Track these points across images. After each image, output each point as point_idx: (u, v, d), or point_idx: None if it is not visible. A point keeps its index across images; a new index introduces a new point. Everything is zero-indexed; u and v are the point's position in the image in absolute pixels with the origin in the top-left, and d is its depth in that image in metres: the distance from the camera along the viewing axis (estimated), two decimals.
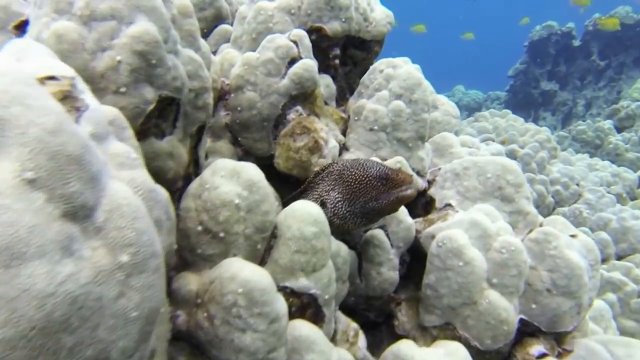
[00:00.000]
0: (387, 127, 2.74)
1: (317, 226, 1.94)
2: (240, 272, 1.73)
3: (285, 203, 2.32)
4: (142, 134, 1.90)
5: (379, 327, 2.71)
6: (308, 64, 2.75)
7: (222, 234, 1.92)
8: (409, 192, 2.05)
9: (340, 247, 2.25)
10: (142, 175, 1.33)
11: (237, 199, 1.93)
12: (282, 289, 1.96)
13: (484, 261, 2.24)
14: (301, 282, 1.94)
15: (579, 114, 15.50)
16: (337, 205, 2.22)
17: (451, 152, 2.88)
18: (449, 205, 2.55)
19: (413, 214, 2.89)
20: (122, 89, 1.73)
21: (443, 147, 2.92)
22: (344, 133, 2.99)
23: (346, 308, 2.66)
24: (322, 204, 2.31)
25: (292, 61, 2.80)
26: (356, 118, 2.88)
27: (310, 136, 2.62)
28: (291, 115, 2.71)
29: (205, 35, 3.63)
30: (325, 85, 3.07)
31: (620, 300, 4.66)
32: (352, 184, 2.16)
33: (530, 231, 2.42)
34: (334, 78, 3.19)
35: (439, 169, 2.84)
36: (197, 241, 1.94)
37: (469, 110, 17.36)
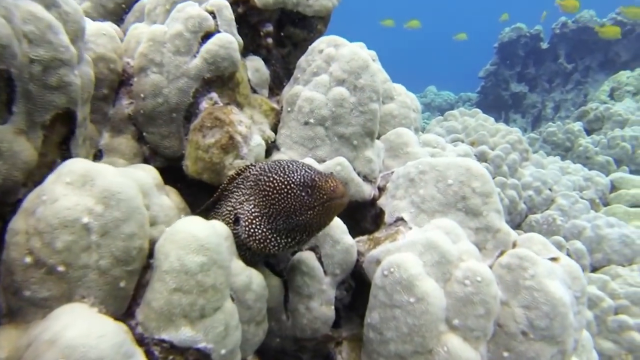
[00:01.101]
0: (325, 120, 2.18)
1: (205, 254, 1.38)
2: (63, 332, 1.13)
3: None
4: None
5: None
6: (224, 39, 2.15)
7: (61, 268, 1.31)
8: (337, 201, 1.54)
9: (252, 278, 1.67)
10: None
11: (86, 217, 1.34)
12: (158, 343, 1.39)
13: (442, 296, 1.70)
14: (183, 334, 1.39)
15: (547, 117, 15.45)
16: (253, 222, 1.67)
17: (407, 152, 2.34)
18: (401, 219, 2.00)
19: (360, 230, 2.33)
20: None
21: (397, 146, 2.38)
22: (276, 128, 2.40)
23: (270, 351, 2.07)
24: (236, 220, 1.73)
25: (208, 36, 2.21)
26: (289, 109, 2.30)
27: (224, 130, 2.02)
28: (204, 105, 2.11)
29: (124, 13, 2.99)
30: (255, 69, 2.48)
31: (596, 318, 4.24)
32: (271, 193, 1.62)
33: (502, 254, 1.89)
34: (266, 61, 2.60)
35: (392, 172, 2.30)
36: (25, 278, 1.33)
37: (440, 111, 17.09)
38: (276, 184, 1.61)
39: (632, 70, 13.09)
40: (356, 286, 2.19)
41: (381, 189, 2.30)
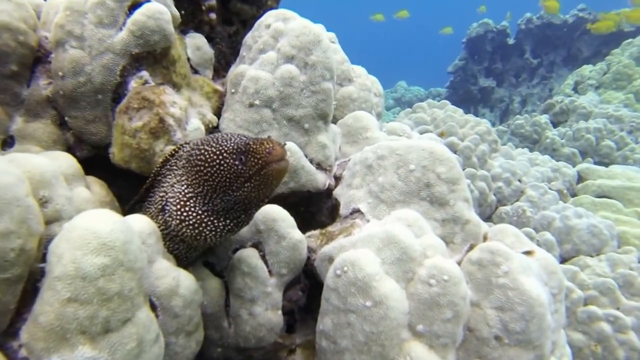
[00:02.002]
0: (273, 101, 1.92)
1: (108, 254, 1.12)
2: None
3: (126, 215, 1.66)
4: None
5: None
6: (154, 8, 1.86)
7: None
8: (274, 166, 1.36)
9: (180, 281, 1.40)
10: None
11: None
12: None
13: (403, 299, 1.47)
14: (81, 354, 1.15)
15: (515, 111, 15.61)
16: (187, 204, 1.46)
17: (366, 137, 2.10)
18: (357, 211, 1.76)
19: (316, 224, 2.08)
20: None
21: (356, 131, 2.14)
22: (220, 112, 2.13)
23: None
24: (161, 209, 1.52)
25: (135, 6, 1.92)
26: (233, 90, 2.03)
27: (153, 112, 1.74)
28: (132, 84, 1.82)
29: None
30: (195, 47, 2.19)
31: (566, 310, 4.13)
32: (203, 168, 1.44)
33: (471, 248, 1.67)
34: (210, 40, 2.32)
35: (349, 160, 2.06)
36: None
37: (411, 106, 17.03)
38: (208, 156, 1.43)
39: (594, 65, 13.36)
40: (311, 286, 1.95)
41: (338, 178, 2.06)
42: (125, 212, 1.84)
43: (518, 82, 16.79)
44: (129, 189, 2.07)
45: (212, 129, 2.02)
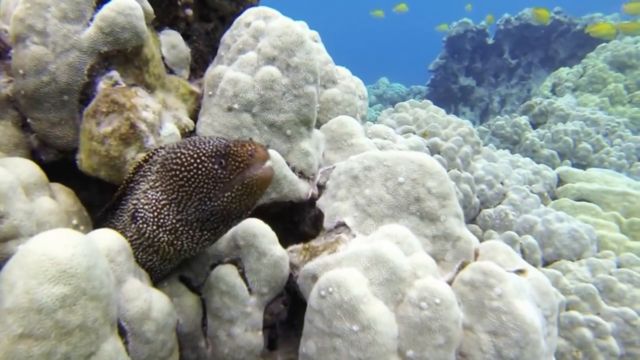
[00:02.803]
0: (253, 105, 1.79)
1: (69, 282, 1.01)
2: None
3: (97, 223, 1.67)
4: None
5: None
6: (124, 3, 1.71)
7: None
8: (259, 171, 1.27)
9: (153, 303, 1.28)
10: None
11: None
12: None
13: (393, 323, 1.36)
14: None
15: (494, 110, 15.79)
16: (161, 212, 1.36)
17: (351, 143, 1.99)
18: (343, 225, 1.65)
19: (299, 235, 1.97)
20: None
21: (340, 137, 2.03)
22: (196, 115, 1.99)
23: None
24: (133, 217, 1.47)
25: (104, 0, 1.76)
26: (210, 93, 1.89)
27: (123, 117, 1.60)
28: (101, 85, 1.67)
29: None
30: (170, 45, 2.04)
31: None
32: (179, 173, 1.34)
33: (463, 266, 1.59)
34: (187, 37, 2.17)
35: (333, 167, 1.95)
36: None
37: (392, 103, 17.04)
38: (184, 159, 1.33)
39: (570, 67, 13.59)
40: (294, 302, 1.84)
41: (321, 187, 1.95)
42: (95, 221, 1.70)
43: (497, 81, 16.97)
44: (101, 194, 1.92)
45: (188, 134, 1.89)
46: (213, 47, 2.29)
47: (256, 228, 1.53)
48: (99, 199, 1.93)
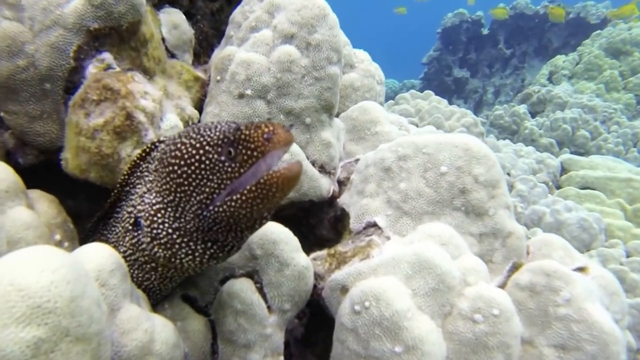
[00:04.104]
0: (268, 90, 1.57)
1: (46, 320, 0.80)
2: None
3: (86, 235, 1.44)
4: None
5: None
6: None
7: None
8: (282, 167, 0.98)
9: (155, 334, 1.06)
10: None
11: None
12: None
13: (441, 341, 1.17)
14: None
15: (489, 102, 15.69)
16: (154, 220, 1.13)
17: (376, 132, 1.79)
18: (374, 225, 1.45)
19: (315, 239, 1.76)
20: None
21: (363, 125, 1.82)
22: (201, 104, 1.77)
23: None
24: (134, 223, 1.21)
25: None
26: (219, 78, 1.67)
27: (118, 106, 1.37)
28: (91, 69, 1.44)
29: None
30: (172, 25, 1.81)
31: None
32: (178, 168, 1.07)
33: (515, 267, 1.39)
34: (190, 17, 1.94)
35: (357, 160, 1.74)
36: None
37: (386, 99, 16.88)
38: (185, 150, 1.06)
39: (566, 55, 13.53)
40: (312, 315, 1.63)
41: (342, 183, 1.74)
42: (84, 234, 1.47)
43: (491, 72, 16.90)
44: (90, 202, 1.69)
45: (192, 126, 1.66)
46: (219, 30, 2.06)
47: (276, 234, 1.30)
48: (88, 208, 1.68)
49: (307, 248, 1.58)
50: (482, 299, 1.19)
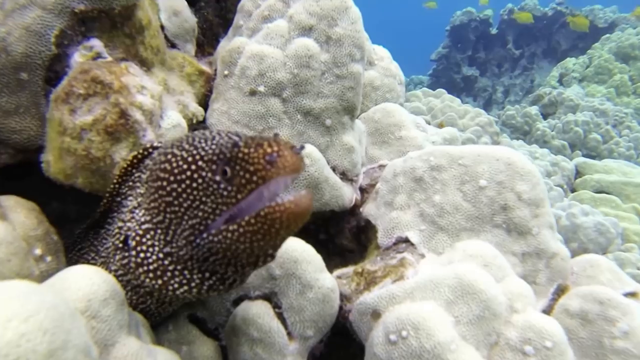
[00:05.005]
0: (283, 87, 1.41)
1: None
2: None
3: (74, 242, 1.29)
4: None
5: None
6: None
7: None
8: (287, 200, 0.81)
9: None
10: None
11: None
12: None
13: None
14: None
15: (498, 101, 15.57)
16: (142, 242, 0.97)
17: (400, 136, 1.63)
18: (405, 241, 1.29)
19: (336, 250, 1.60)
20: None
21: (386, 129, 1.66)
22: (206, 101, 1.61)
23: None
24: (124, 241, 1.05)
25: None
26: (227, 72, 1.51)
27: (111, 102, 1.20)
28: (77, 58, 1.27)
29: None
30: (172, 11, 1.65)
31: None
32: (167, 184, 0.92)
33: (560, 290, 1.23)
34: (192, 3, 1.77)
35: (380, 166, 1.58)
36: None
37: None
38: (175, 164, 0.91)
39: (571, 58, 13.41)
40: (333, 333, 1.47)
41: (364, 190, 1.58)
42: (71, 241, 1.31)
43: (500, 72, 16.81)
44: (78, 205, 1.51)
45: (196, 126, 1.50)
46: (225, 19, 1.89)
47: (297, 251, 1.14)
48: (76, 211, 1.52)
49: (326, 257, 1.41)
50: (532, 329, 1.03)
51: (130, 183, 1.13)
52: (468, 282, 1.06)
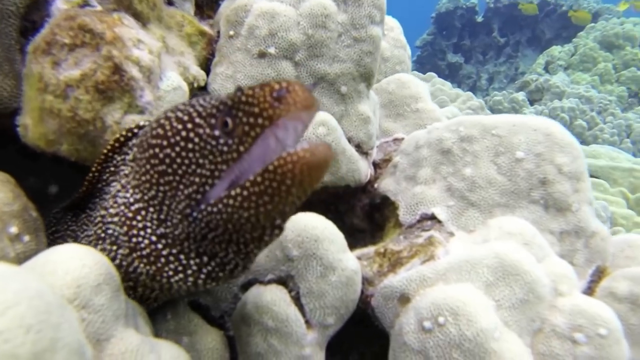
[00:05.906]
0: (296, 49, 1.27)
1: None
2: None
3: (49, 222, 1.13)
4: None
5: None
6: None
7: None
8: (303, 153, 0.64)
9: None
10: None
11: None
12: None
13: None
14: None
15: (482, 88, 15.66)
16: (134, 222, 0.84)
17: (416, 109, 1.51)
18: (431, 218, 1.17)
19: (345, 229, 1.48)
20: None
21: (401, 101, 1.53)
22: (207, 64, 1.45)
23: None
24: (97, 235, 0.95)
25: None
26: (232, 33, 1.36)
27: (102, 54, 1.04)
28: (59, 5, 1.11)
29: None
30: None
31: None
32: (159, 153, 0.79)
33: (599, 272, 1.14)
34: None
35: (395, 139, 1.46)
36: None
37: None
38: (167, 128, 0.79)
39: (562, 46, 13.53)
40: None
41: (378, 165, 1.46)
42: (48, 219, 1.14)
43: (485, 59, 16.90)
44: (60, 179, 1.35)
45: (198, 90, 1.35)
46: None
47: (318, 229, 1.00)
48: (57, 188, 1.35)
49: None
50: (583, 315, 0.93)
51: (112, 168, 0.98)
52: (511, 262, 0.96)
